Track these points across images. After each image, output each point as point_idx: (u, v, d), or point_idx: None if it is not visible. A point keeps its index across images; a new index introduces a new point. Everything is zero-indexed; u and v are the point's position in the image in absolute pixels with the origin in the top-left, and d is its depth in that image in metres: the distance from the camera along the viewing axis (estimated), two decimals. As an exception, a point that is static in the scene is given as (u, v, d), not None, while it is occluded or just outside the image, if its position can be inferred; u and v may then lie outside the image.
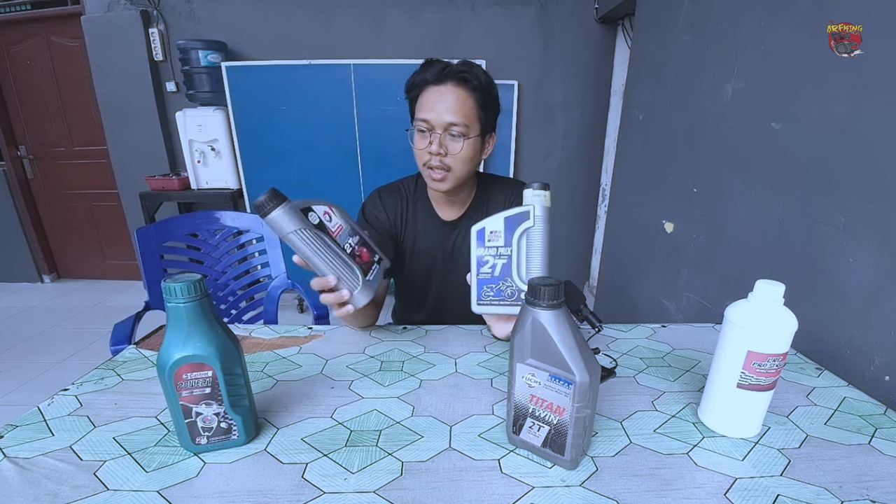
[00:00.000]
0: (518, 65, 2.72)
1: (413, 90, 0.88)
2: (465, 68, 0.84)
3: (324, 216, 0.63)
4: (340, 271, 0.64)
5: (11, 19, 2.91)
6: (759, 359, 0.54)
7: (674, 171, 1.56)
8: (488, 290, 0.70)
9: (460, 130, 0.84)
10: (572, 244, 3.13)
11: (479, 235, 0.68)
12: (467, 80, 0.84)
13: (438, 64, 0.85)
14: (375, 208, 0.99)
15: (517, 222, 0.65)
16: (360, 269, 0.65)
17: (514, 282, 0.68)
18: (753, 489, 0.49)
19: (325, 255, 0.62)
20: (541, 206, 0.65)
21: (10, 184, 3.19)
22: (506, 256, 0.67)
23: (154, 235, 1.39)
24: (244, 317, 1.48)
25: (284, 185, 2.90)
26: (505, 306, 0.70)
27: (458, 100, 0.83)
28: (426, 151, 0.85)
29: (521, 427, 0.55)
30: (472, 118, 0.85)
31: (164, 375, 0.50)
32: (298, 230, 0.60)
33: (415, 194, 1.00)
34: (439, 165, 0.85)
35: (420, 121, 0.86)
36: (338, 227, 0.65)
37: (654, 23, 1.74)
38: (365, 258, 0.67)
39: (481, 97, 0.86)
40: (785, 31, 1.06)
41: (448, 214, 0.99)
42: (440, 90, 0.84)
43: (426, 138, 0.86)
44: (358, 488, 0.49)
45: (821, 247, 0.94)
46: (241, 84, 2.51)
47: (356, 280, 0.65)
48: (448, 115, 0.83)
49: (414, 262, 1.01)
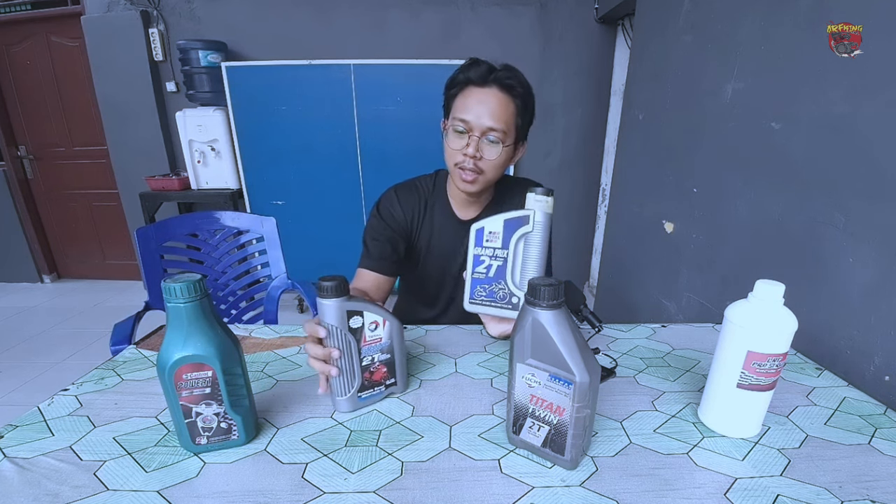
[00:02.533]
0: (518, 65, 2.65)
1: (454, 87, 0.87)
2: (511, 74, 0.84)
3: (369, 325, 0.62)
4: (343, 374, 0.62)
5: (11, 19, 2.91)
6: (759, 359, 0.54)
7: (674, 171, 1.56)
8: (481, 290, 0.69)
9: (498, 136, 0.83)
10: (572, 244, 3.13)
11: (477, 234, 0.68)
12: (512, 86, 0.83)
13: (484, 65, 0.84)
14: (391, 205, 0.98)
15: (516, 226, 0.64)
16: (360, 382, 0.64)
17: (507, 285, 0.67)
18: (753, 489, 0.49)
19: (341, 353, 0.61)
20: (542, 212, 0.64)
21: (10, 184, 3.19)
22: (502, 259, 0.66)
23: (154, 235, 1.39)
24: (244, 317, 1.48)
25: (284, 184, 2.88)
26: (496, 308, 0.69)
27: (500, 105, 0.82)
28: (461, 152, 0.84)
29: (521, 427, 0.55)
30: (510, 125, 0.84)
31: (164, 375, 0.50)
32: (333, 325, 0.60)
33: (433, 193, 0.99)
34: (472, 168, 0.84)
35: (459, 121, 0.84)
36: (376, 338, 0.63)
37: (654, 23, 1.74)
38: (377, 377, 0.65)
39: (522, 105, 0.85)
40: (785, 31, 1.06)
41: (466, 214, 0.98)
42: (483, 92, 0.83)
43: (463, 139, 0.84)
44: (358, 488, 0.49)
45: (821, 247, 0.94)
46: (241, 84, 2.51)
47: (348, 389, 0.63)
48: (488, 119, 0.82)
49: (429, 260, 1.01)
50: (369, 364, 0.64)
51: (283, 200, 2.72)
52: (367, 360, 0.63)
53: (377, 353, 0.64)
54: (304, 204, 2.71)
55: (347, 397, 0.63)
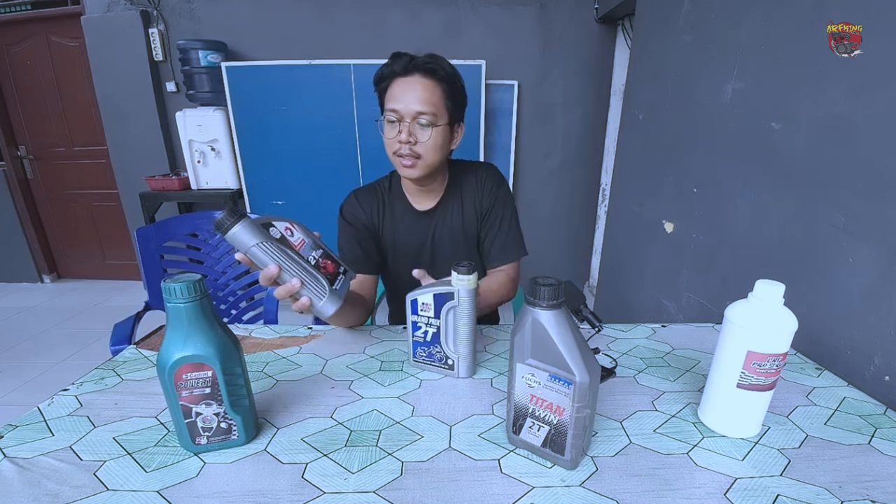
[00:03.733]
0: (518, 65, 2.72)
1: (382, 82, 0.90)
2: (431, 60, 0.87)
3: (285, 231, 0.64)
4: (306, 281, 0.64)
5: (11, 19, 2.91)
6: (759, 359, 0.54)
7: (674, 171, 1.56)
8: (422, 350, 0.75)
9: (428, 119, 0.86)
10: (572, 244, 3.13)
11: (412, 304, 0.72)
12: (434, 70, 0.86)
13: (405, 56, 0.87)
14: (353, 208, 1.00)
15: (444, 300, 0.69)
16: (325, 279, 0.66)
17: (443, 349, 0.72)
18: (753, 489, 0.49)
19: (289, 266, 0.63)
20: (465, 290, 0.67)
21: (10, 184, 3.19)
22: (436, 326, 0.71)
23: (154, 235, 1.39)
24: (244, 317, 1.48)
25: (284, 184, 2.88)
26: (436, 368, 0.74)
27: (425, 90, 0.85)
28: (396, 140, 0.87)
29: (521, 427, 0.55)
30: (439, 107, 0.87)
31: (164, 375, 0.50)
32: (260, 243, 0.61)
33: (390, 191, 1.02)
34: (409, 153, 0.87)
35: (389, 111, 0.87)
36: (300, 241, 0.65)
37: (654, 23, 1.74)
38: (330, 269, 0.68)
39: (448, 87, 0.88)
40: (785, 31, 1.06)
41: (423, 205, 1.00)
42: (408, 81, 0.86)
43: (395, 128, 0.88)
44: (358, 488, 0.49)
45: (821, 247, 0.94)
46: (241, 84, 2.51)
47: (323, 290, 0.65)
48: (416, 104, 0.85)
49: (398, 256, 1.03)
50: (316, 263, 0.66)
51: (283, 200, 2.72)
52: (312, 260, 0.66)
53: (312, 252, 0.67)
54: (304, 204, 2.70)
55: (328, 297, 0.66)
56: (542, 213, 3.03)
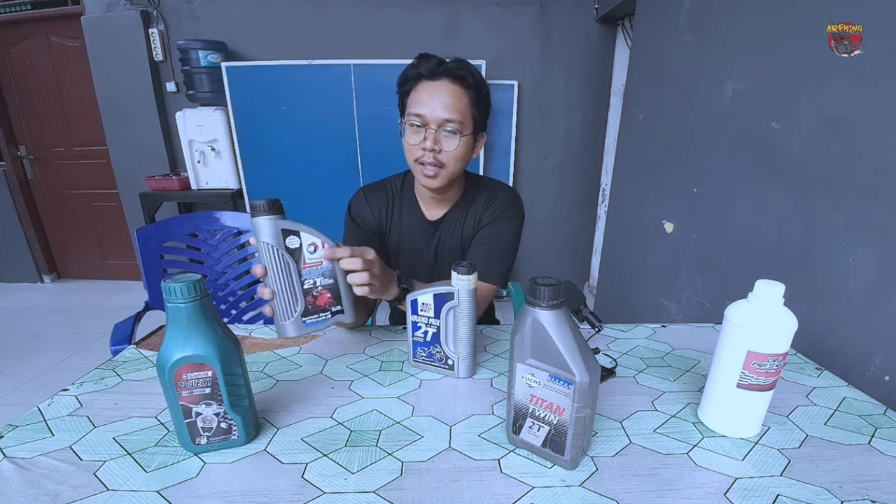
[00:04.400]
0: (518, 65, 2.72)
1: (406, 84, 0.87)
2: (460, 65, 0.84)
3: (308, 246, 0.63)
4: (283, 296, 0.63)
5: (11, 19, 2.91)
6: (758, 359, 0.54)
7: (674, 171, 1.56)
8: (422, 350, 0.74)
9: (455, 127, 0.83)
10: (572, 244, 3.13)
11: (412, 304, 0.72)
12: (462, 77, 0.83)
13: (433, 59, 0.84)
14: (360, 206, 0.98)
15: (444, 300, 0.69)
16: (304, 306, 0.64)
17: (443, 349, 0.72)
18: (753, 489, 0.49)
19: (276, 274, 0.62)
20: (465, 290, 0.67)
21: (10, 184, 3.19)
22: (436, 326, 0.71)
23: (154, 235, 1.39)
24: (244, 317, 1.48)
25: (284, 185, 2.89)
26: (435, 368, 0.74)
27: (453, 96, 0.82)
28: (419, 147, 0.84)
29: (521, 427, 0.55)
30: (466, 115, 0.84)
31: (164, 375, 0.50)
32: (267, 242, 0.61)
33: (401, 193, 1.00)
34: (432, 162, 0.84)
35: (414, 115, 0.84)
36: (316, 262, 0.64)
37: (654, 23, 1.74)
38: (321, 302, 0.65)
39: (475, 95, 0.85)
40: (785, 31, 1.06)
41: (434, 214, 0.98)
42: (435, 86, 0.83)
43: (420, 134, 0.84)
44: (358, 488, 0.49)
45: (821, 247, 0.94)
46: (241, 84, 2.51)
47: (291, 312, 0.64)
48: (443, 111, 0.82)
49: (400, 260, 1.01)
50: (311, 288, 0.64)
51: (283, 200, 2.71)
52: (308, 284, 0.63)
53: (319, 277, 0.64)
54: (304, 204, 2.70)
55: (291, 321, 0.64)
56: (542, 213, 3.03)
